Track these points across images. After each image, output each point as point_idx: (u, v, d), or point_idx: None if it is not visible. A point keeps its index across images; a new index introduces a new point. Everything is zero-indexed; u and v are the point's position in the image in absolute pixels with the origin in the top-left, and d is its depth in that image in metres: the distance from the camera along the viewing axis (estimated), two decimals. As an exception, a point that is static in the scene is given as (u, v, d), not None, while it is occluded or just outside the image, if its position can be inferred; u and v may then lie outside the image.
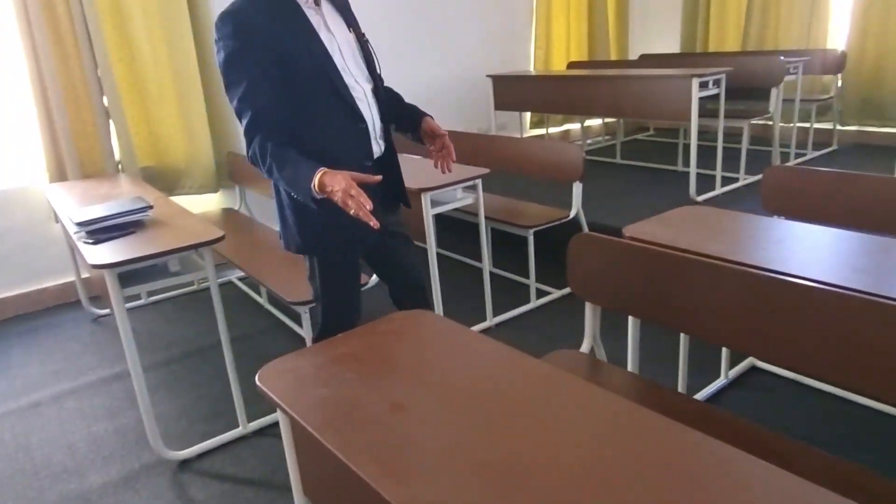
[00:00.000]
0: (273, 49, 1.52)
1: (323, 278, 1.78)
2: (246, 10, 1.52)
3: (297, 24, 1.55)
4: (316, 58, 1.56)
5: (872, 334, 1.25)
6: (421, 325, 1.39)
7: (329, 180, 1.44)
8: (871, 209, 2.18)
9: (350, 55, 1.64)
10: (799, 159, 4.60)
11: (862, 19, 4.82)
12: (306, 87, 1.57)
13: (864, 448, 1.93)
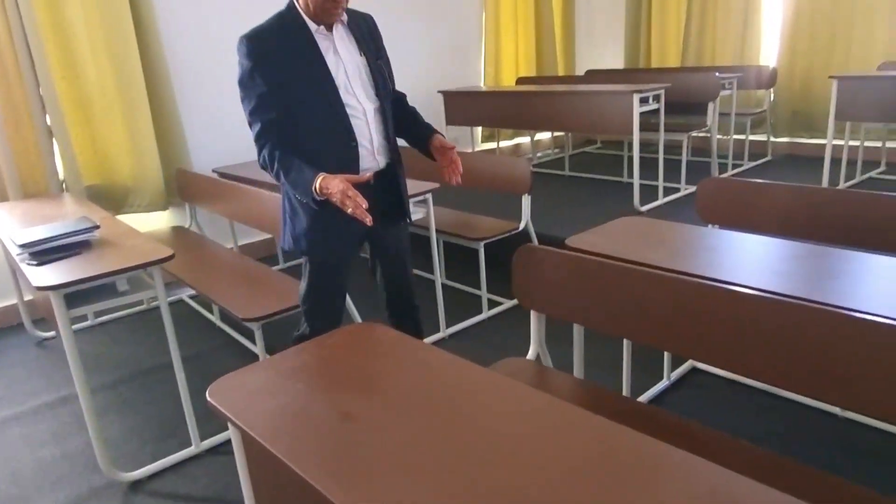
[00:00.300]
0: (281, 69, 1.74)
1: (310, 278, 1.96)
2: (261, 34, 1.76)
3: (306, 49, 1.76)
4: (317, 79, 1.76)
5: (801, 335, 1.33)
6: (371, 337, 1.43)
7: (327, 183, 1.66)
8: (798, 217, 2.32)
9: (356, 77, 1.82)
10: (736, 170, 4.83)
11: (790, 38, 5.12)
12: (307, 105, 1.77)
13: (796, 441, 2.05)
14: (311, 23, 1.76)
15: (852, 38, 4.83)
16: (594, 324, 1.75)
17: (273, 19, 1.79)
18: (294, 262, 4.03)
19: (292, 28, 1.76)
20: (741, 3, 5.33)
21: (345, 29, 1.83)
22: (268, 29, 1.76)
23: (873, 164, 4.60)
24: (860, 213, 2.17)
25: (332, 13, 1.75)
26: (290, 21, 1.77)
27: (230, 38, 4.17)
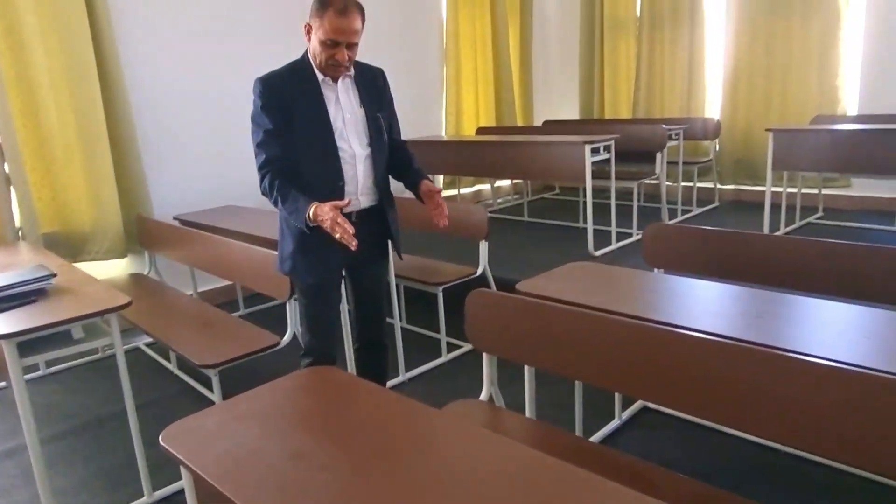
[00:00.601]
0: (287, 111, 1.94)
1: (303, 299, 2.12)
2: (274, 78, 1.97)
3: (311, 96, 1.97)
4: (316, 123, 1.96)
5: (743, 376, 1.40)
6: (325, 381, 1.48)
7: (319, 211, 1.83)
8: (739, 262, 2.45)
9: (352, 125, 2.01)
10: (686, 215, 5.05)
11: (731, 93, 5.46)
12: (305, 145, 1.97)
13: (743, 476, 2.13)
14: (319, 74, 1.97)
15: (787, 93, 5.17)
16: (545, 365, 1.82)
17: (287, 67, 2.01)
18: (255, 308, 4.03)
19: (303, 76, 1.97)
20: (686, 59, 5.67)
21: (351, 82, 2.04)
22: (280, 75, 1.98)
23: (812, 209, 4.87)
24: (798, 257, 2.31)
25: (336, 70, 1.95)
26: (302, 70, 1.98)
27: (194, 86, 4.28)
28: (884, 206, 4.70)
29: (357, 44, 1.94)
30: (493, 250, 3.22)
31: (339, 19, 1.85)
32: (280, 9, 4.36)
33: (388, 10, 5.19)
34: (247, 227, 3.30)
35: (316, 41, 1.91)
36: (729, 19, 5.38)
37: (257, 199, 4.10)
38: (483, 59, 5.96)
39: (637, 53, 5.97)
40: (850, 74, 4.91)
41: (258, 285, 2.70)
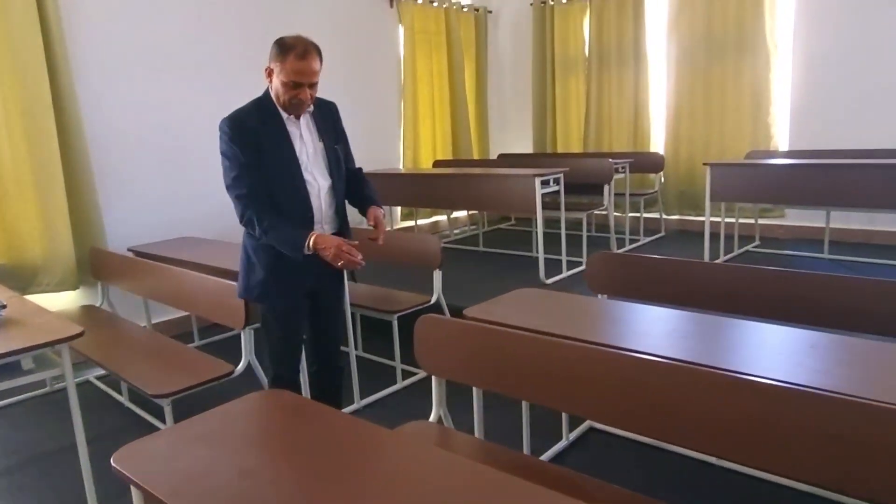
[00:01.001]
0: (257, 146, 2.03)
1: (266, 322, 2.21)
2: (242, 115, 2.06)
3: (278, 132, 2.07)
4: (285, 159, 2.07)
5: (684, 394, 1.47)
6: (276, 403, 1.52)
7: (323, 241, 1.99)
8: (678, 288, 2.58)
9: (314, 159, 2.14)
10: (633, 244, 5.26)
11: (674, 129, 5.76)
12: (276, 179, 2.06)
13: (685, 492, 2.23)
14: (282, 111, 2.08)
15: (725, 130, 5.49)
16: (493, 386, 1.89)
17: (251, 105, 2.10)
18: (210, 339, 4.00)
19: (267, 114, 2.07)
20: (631, 98, 5.96)
21: (310, 117, 2.17)
22: (247, 112, 2.07)
23: (749, 238, 5.14)
24: (734, 283, 2.46)
25: (299, 108, 2.08)
26: (266, 108, 2.08)
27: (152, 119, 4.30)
28: (815, 235, 4.99)
29: (317, 83, 2.07)
30: (448, 279, 3.31)
31: (300, 62, 1.98)
32: (235, 47, 4.44)
33: (348, 47, 5.33)
34: (202, 258, 3.32)
35: (278, 83, 2.02)
36: (670, 61, 5.70)
37: (213, 230, 4.18)
38: (440, 94, 6.15)
39: (586, 91, 6.24)
40: (780, 113, 5.25)
41: (214, 315, 2.72)
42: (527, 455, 2.09)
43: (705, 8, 5.43)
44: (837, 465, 1.27)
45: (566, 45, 6.39)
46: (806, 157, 4.69)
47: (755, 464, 1.52)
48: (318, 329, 2.32)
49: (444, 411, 1.98)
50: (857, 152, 4.51)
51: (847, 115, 4.89)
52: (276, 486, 1.14)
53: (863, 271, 4.10)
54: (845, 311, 2.16)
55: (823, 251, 4.64)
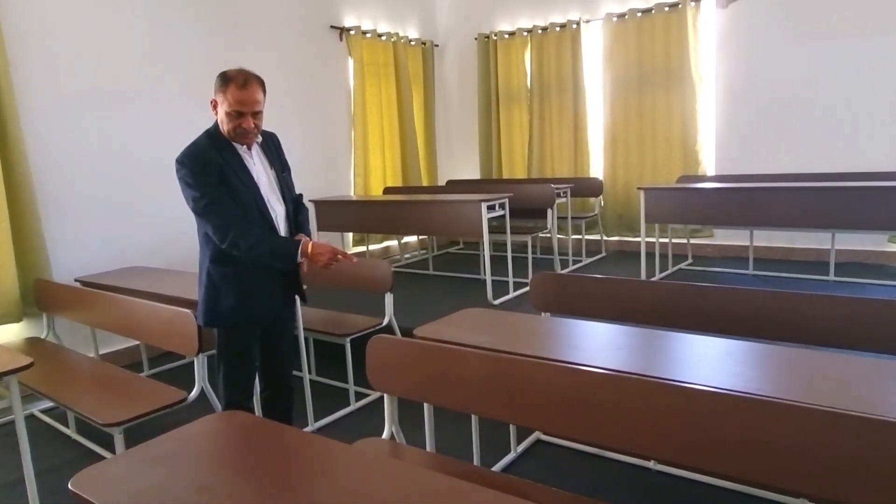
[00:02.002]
0: (219, 177, 2.07)
1: (224, 348, 2.22)
2: (199, 149, 2.10)
3: (236, 163, 2.13)
4: (248, 188, 2.14)
5: (623, 402, 1.55)
6: (233, 423, 1.55)
7: (319, 247, 2.14)
8: (616, 305, 2.72)
9: (269, 187, 2.21)
10: (577, 265, 5.45)
11: (611, 155, 6.03)
12: (240, 207, 2.11)
13: (626, 496, 2.33)
14: (234, 143, 2.14)
15: (657, 156, 5.78)
16: (442, 402, 1.96)
17: (204, 137, 2.15)
18: (161, 368, 3.93)
19: (222, 144, 2.12)
20: (571, 127, 6.22)
21: (259, 147, 2.23)
22: (203, 145, 2.12)
23: (682, 257, 5.41)
24: (668, 299, 2.61)
25: (245, 137, 2.13)
26: (218, 138, 2.13)
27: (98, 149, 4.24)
28: (740, 253, 5.29)
29: (261, 112, 2.14)
30: (400, 301, 3.37)
31: (241, 92, 2.05)
32: (184, 79, 4.45)
33: (299, 79, 5.41)
34: (152, 287, 3.29)
35: (222, 113, 2.09)
36: (606, 92, 6.00)
37: (163, 259, 4.13)
38: (389, 124, 6.26)
39: (529, 120, 6.48)
40: (707, 140, 5.58)
41: (167, 343, 2.70)
42: (476, 466, 2.16)
43: (636, 43, 5.76)
44: (762, 463, 1.37)
45: (509, 76, 6.63)
46: (731, 181, 5.00)
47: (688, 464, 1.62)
48: (271, 352, 2.35)
49: (396, 428, 2.04)
50: (776, 176, 4.85)
51: (766, 141, 5.25)
52: (233, 501, 1.17)
53: (783, 285, 4.37)
54: (766, 322, 2.32)
55: (748, 268, 4.93)
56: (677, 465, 2.40)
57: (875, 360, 1.81)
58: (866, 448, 1.25)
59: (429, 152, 6.82)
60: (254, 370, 2.31)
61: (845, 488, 1.28)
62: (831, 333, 2.18)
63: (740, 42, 5.31)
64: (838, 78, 4.89)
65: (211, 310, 2.20)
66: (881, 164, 4.69)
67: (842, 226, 3.97)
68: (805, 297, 2.23)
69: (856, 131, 4.86)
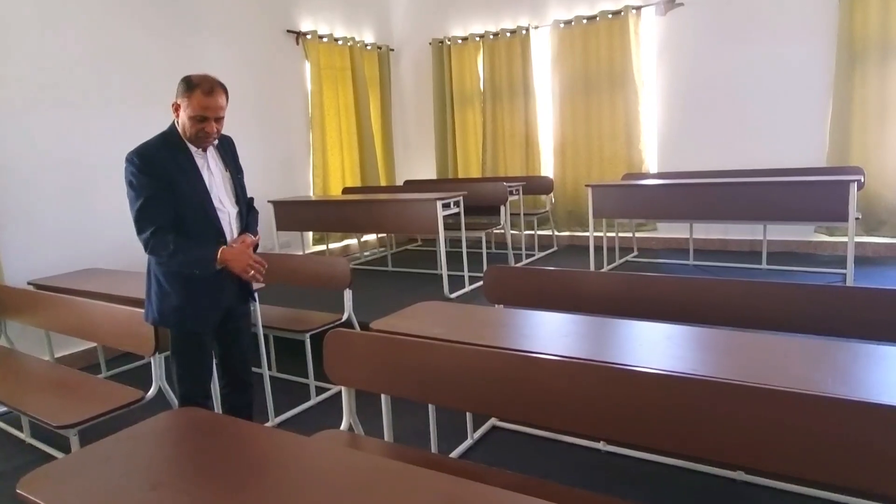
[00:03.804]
0: (166, 179, 2.01)
1: (177, 347, 2.16)
2: (149, 149, 2.03)
3: (187, 164, 2.07)
4: (197, 191, 2.07)
5: (573, 386, 1.56)
6: (189, 420, 1.50)
7: (230, 253, 2.05)
8: (566, 295, 2.74)
9: (222, 188, 2.17)
10: (529, 259, 5.50)
11: (561, 155, 6.10)
12: (189, 209, 2.06)
13: (577, 477, 2.36)
14: (189, 144, 2.08)
15: (604, 155, 5.88)
16: (399, 393, 1.93)
17: (158, 138, 2.08)
18: (119, 370, 3.78)
19: (175, 146, 2.06)
20: (523, 127, 6.27)
21: (215, 150, 2.18)
22: (155, 145, 2.05)
23: (629, 250, 5.52)
24: (615, 289, 2.64)
25: (206, 141, 2.09)
26: (173, 140, 2.07)
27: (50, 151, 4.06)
28: (682, 245, 5.43)
29: (223, 118, 2.10)
30: (359, 297, 3.33)
31: (207, 98, 2.01)
32: (141, 81, 4.30)
33: (257, 82, 5.29)
34: (108, 288, 3.16)
35: (185, 117, 2.04)
36: (555, 95, 6.06)
37: (119, 261, 3.98)
38: (347, 126, 6.19)
39: (483, 122, 6.50)
40: (650, 139, 5.71)
41: (123, 344, 2.59)
42: (433, 453, 2.15)
43: (582, 48, 5.84)
44: (701, 438, 1.40)
45: (463, 80, 6.63)
46: (672, 177, 5.12)
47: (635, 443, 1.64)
48: (227, 348, 2.30)
49: (354, 419, 2.01)
50: (713, 172, 4.99)
51: (704, 140, 5.40)
52: (189, 497, 1.13)
53: (720, 274, 4.51)
54: (705, 308, 2.39)
55: (689, 258, 5.07)
56: (625, 444, 2.44)
57: (802, 340, 1.88)
58: (794, 421, 1.29)
59: (386, 153, 6.77)
60: (209, 368, 2.24)
61: (777, 459, 1.32)
62: (764, 317, 2.25)
63: (678, 47, 5.44)
64: (767, 81, 5.07)
65: (158, 310, 2.14)
66: (809, 160, 4.89)
67: (772, 218, 4.12)
68: (740, 283, 2.30)
69: (785, 130, 5.04)
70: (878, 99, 4.65)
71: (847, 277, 3.86)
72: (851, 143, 4.78)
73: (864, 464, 1.23)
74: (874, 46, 4.61)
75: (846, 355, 1.73)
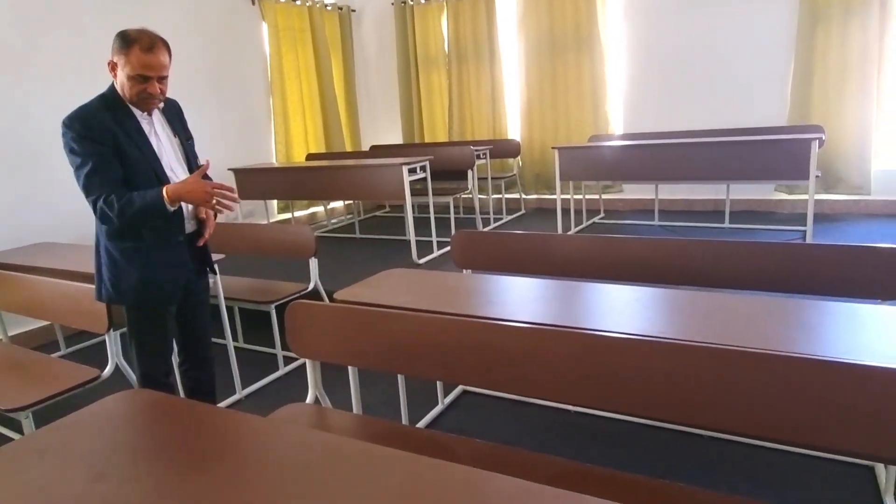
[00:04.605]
0: (111, 144, 1.82)
1: (134, 325, 2.02)
2: (89, 113, 1.83)
3: (132, 129, 1.88)
4: (146, 156, 1.90)
5: (541, 352, 1.51)
6: (138, 403, 1.39)
7: (179, 188, 1.83)
8: (534, 258, 2.67)
9: (172, 155, 2.00)
10: (497, 223, 5.43)
11: (527, 118, 5.98)
12: (137, 177, 1.87)
13: (546, 439, 2.34)
14: (132, 108, 1.89)
15: (570, 117, 5.79)
16: (365, 364, 1.85)
17: (97, 100, 1.87)
18: (78, 346, 3.62)
19: (118, 109, 1.87)
20: (489, 90, 6.11)
21: (161, 114, 2.01)
22: (94, 109, 1.85)
23: (595, 211, 5.49)
24: (583, 251, 2.59)
25: (149, 103, 1.90)
26: (114, 103, 1.87)
27: None
28: (647, 206, 5.43)
29: (167, 77, 1.90)
30: (326, 266, 3.22)
31: (146, 56, 1.81)
32: (86, 44, 4.00)
33: (211, 45, 4.99)
34: (59, 264, 2.98)
35: (123, 77, 1.84)
36: (520, 57, 5.91)
37: (70, 234, 3.76)
38: (309, 89, 5.94)
39: (448, 85, 6.31)
40: (615, 101, 5.63)
41: (76, 321, 2.45)
42: (400, 424, 2.09)
43: (548, 9, 5.67)
44: (669, 400, 1.37)
45: (427, 41, 6.41)
46: (637, 139, 5.07)
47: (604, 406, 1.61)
48: (186, 324, 2.17)
49: (321, 392, 1.93)
50: (678, 133, 4.95)
51: (669, 101, 5.34)
52: (135, 487, 1.04)
53: (686, 233, 4.52)
54: (671, 268, 2.36)
55: (654, 219, 5.07)
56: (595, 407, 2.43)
57: (768, 299, 1.85)
58: (759, 380, 1.26)
59: (351, 118, 6.55)
60: (168, 344, 2.12)
61: (747, 421, 1.29)
62: (729, 276, 2.24)
63: (643, 8, 5.32)
64: (730, 41, 5.00)
65: (114, 287, 1.97)
66: (771, 119, 4.89)
67: (736, 177, 4.11)
68: (706, 244, 2.27)
69: (748, 90, 5.01)
70: (839, 57, 4.63)
71: (807, 234, 3.89)
72: (812, 101, 4.78)
73: (834, 422, 1.21)
74: (836, 4, 4.57)
75: (812, 314, 1.71)
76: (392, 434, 1.73)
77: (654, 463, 2.12)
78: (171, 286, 2.02)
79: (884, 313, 1.66)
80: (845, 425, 1.21)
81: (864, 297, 2.05)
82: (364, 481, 1.02)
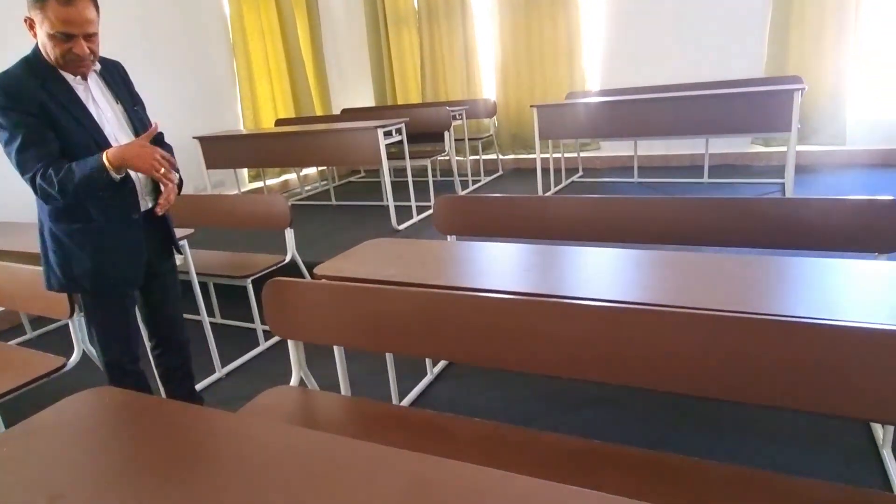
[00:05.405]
0: (44, 115, 1.60)
1: (92, 312, 1.85)
2: (11, 78, 1.59)
3: (65, 96, 1.64)
4: (85, 127, 1.66)
5: (529, 325, 1.42)
6: (96, 404, 1.23)
7: (122, 151, 1.59)
8: (517, 222, 2.55)
9: (115, 123, 1.75)
10: (476, 185, 5.27)
11: (502, 76, 5.76)
12: (77, 150, 1.64)
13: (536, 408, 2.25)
14: (63, 72, 1.65)
15: (546, 75, 5.59)
16: (351, 343, 1.72)
17: (19, 64, 1.64)
18: (45, 329, 3.41)
19: (47, 75, 1.63)
20: (462, 49, 5.85)
21: (98, 77, 1.76)
22: (17, 75, 1.61)
23: (574, 170, 5.36)
24: (564, 212, 2.47)
25: (79, 66, 1.65)
26: (43, 69, 1.63)
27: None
28: (625, 163, 5.32)
29: (96, 34, 1.64)
30: (303, 235, 3.05)
31: (65, 9, 1.54)
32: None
33: (165, 7, 4.61)
34: (14, 245, 2.74)
35: (44, 36, 1.58)
36: (493, 13, 5.64)
37: (20, 212, 3.48)
38: (274, 51, 5.60)
39: (420, 44, 6.03)
40: (592, 57, 5.43)
41: (33, 307, 2.24)
42: (391, 404, 1.97)
43: (520, -40, 5.39)
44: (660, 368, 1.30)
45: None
46: (615, 94, 4.91)
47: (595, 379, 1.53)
48: (154, 308, 1.99)
49: (305, 373, 1.79)
50: (655, 88, 4.80)
51: (646, 55, 5.17)
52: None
53: (665, 190, 4.43)
54: (657, 226, 2.27)
55: (633, 176, 4.96)
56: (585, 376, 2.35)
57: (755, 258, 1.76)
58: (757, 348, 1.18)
59: (320, 81, 6.23)
60: (133, 330, 1.92)
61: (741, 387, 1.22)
62: (712, 233, 2.17)
63: (618, -44, 5.08)
64: (707, -10, 4.82)
65: (65, 274, 1.77)
66: (747, 70, 4.76)
67: (715, 131, 4.00)
68: (687, 201, 2.20)
69: (724, 42, 4.87)
70: (816, 8, 4.50)
71: (786, 187, 3.83)
72: (789, 52, 4.66)
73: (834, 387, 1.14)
74: (813, -51, 4.41)
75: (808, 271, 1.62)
76: (387, 417, 1.61)
77: (649, 433, 2.05)
78: (131, 270, 1.82)
79: (882, 268, 1.58)
80: (845, 389, 1.14)
81: (860, 250, 1.98)
82: (364, 487, 0.90)
